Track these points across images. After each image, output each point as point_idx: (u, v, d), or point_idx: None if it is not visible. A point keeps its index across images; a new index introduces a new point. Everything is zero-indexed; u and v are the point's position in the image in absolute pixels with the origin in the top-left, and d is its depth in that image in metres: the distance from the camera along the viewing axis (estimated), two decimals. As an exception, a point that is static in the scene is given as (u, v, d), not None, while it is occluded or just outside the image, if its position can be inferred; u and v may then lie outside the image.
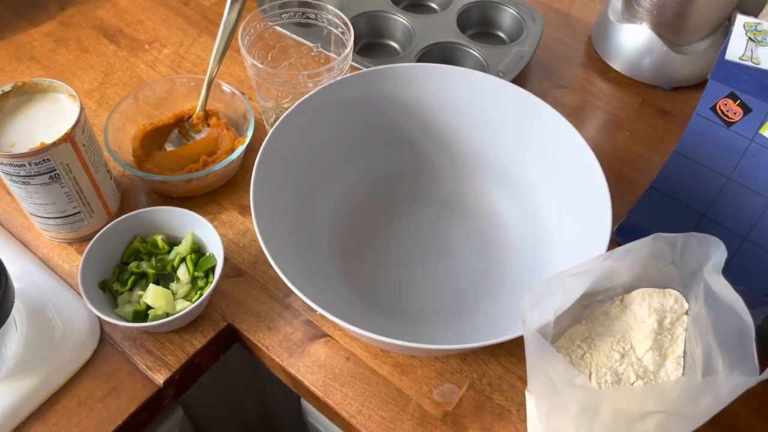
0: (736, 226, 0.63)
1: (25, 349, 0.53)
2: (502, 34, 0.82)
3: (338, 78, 0.59)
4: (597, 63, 0.80)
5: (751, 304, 0.60)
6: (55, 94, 0.56)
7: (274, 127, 0.55)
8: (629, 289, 0.48)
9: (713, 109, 0.64)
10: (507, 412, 0.52)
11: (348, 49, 0.60)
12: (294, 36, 0.70)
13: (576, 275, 0.44)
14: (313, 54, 0.68)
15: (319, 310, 0.45)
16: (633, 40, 0.76)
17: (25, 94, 0.56)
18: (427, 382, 0.54)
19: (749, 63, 0.58)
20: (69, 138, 0.52)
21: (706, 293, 0.43)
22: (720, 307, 0.41)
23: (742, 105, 0.61)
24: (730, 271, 0.61)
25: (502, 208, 0.62)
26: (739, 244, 0.63)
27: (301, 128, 0.58)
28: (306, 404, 0.67)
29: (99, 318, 0.55)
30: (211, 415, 0.71)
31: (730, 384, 0.37)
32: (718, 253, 0.41)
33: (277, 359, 0.55)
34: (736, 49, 0.59)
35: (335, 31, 0.64)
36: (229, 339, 0.58)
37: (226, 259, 0.60)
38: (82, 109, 0.54)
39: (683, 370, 0.46)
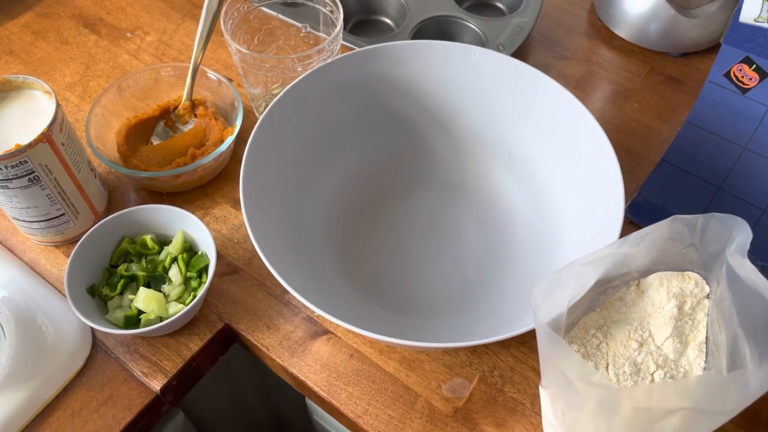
0: (754, 197, 0.60)
1: (15, 360, 0.50)
2: (500, 5, 0.78)
3: (329, 60, 0.55)
4: (601, 31, 0.76)
5: (772, 280, 0.57)
6: (30, 91, 0.53)
7: (262, 115, 0.52)
8: (645, 273, 0.46)
9: (727, 75, 0.60)
10: (520, 405, 0.50)
11: (338, 28, 0.57)
12: (281, 16, 0.66)
13: (589, 263, 0.41)
14: (302, 35, 0.65)
15: (319, 312, 0.43)
16: (638, 5, 0.72)
17: (-1, 92, 0.53)
18: (436, 377, 0.51)
19: (765, 25, 0.55)
20: (46, 137, 0.49)
21: (729, 276, 0.40)
22: (745, 291, 0.38)
23: (758, 70, 0.58)
24: (750, 246, 0.59)
25: (506, 190, 0.59)
26: (758, 216, 0.60)
27: (292, 115, 0.55)
28: (311, 403, 0.65)
29: (90, 324, 0.53)
30: (216, 417, 0.69)
31: (760, 377, 0.34)
32: (741, 234, 0.38)
33: (277, 359, 0.52)
34: (750, 10, 0.55)
35: (324, 9, 0.61)
36: (228, 340, 0.55)
37: (220, 256, 0.57)
38: (58, 105, 0.51)
39: (706, 357, 0.43)
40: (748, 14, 0.55)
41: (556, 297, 0.40)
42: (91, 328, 0.53)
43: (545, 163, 0.56)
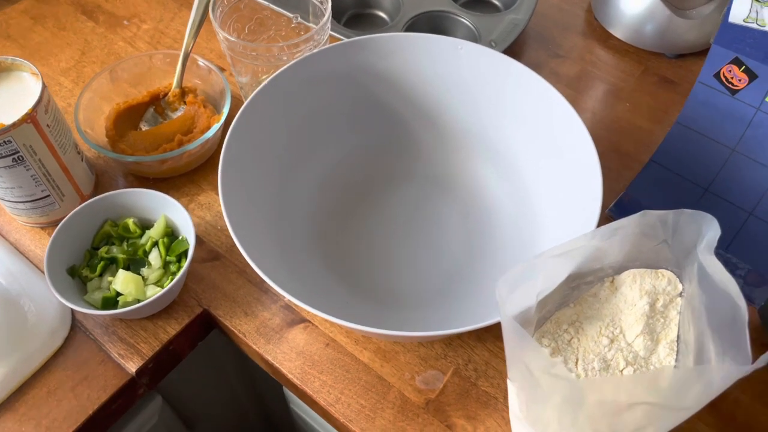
0: (741, 200, 0.60)
1: (-5, 337, 0.51)
2: (496, 2, 0.78)
3: (315, 50, 0.56)
4: (597, 30, 0.76)
5: (755, 283, 0.57)
6: (18, 72, 0.54)
7: (245, 104, 0.52)
8: (620, 269, 0.45)
9: (717, 76, 0.60)
10: (493, 399, 0.50)
11: (325, 17, 0.57)
12: (272, 6, 0.66)
13: (559, 255, 0.41)
14: (293, 26, 0.65)
15: (290, 298, 0.43)
16: (634, 6, 0.72)
17: (-13, 73, 0.53)
18: (410, 368, 0.51)
19: (754, 25, 0.54)
20: (30, 118, 0.50)
21: (699, 274, 0.40)
22: (713, 289, 0.38)
23: (747, 71, 0.58)
24: (734, 248, 0.58)
25: (490, 185, 0.59)
26: (744, 219, 0.59)
27: (277, 104, 0.55)
28: (288, 392, 0.65)
29: (70, 305, 0.53)
30: (197, 402, 0.69)
31: (722, 373, 0.34)
32: (711, 231, 0.38)
33: (254, 346, 0.52)
34: (740, 10, 0.54)
35: (313, 0, 0.61)
36: (206, 325, 0.56)
37: (203, 242, 0.58)
38: (44, 87, 0.51)
39: (677, 355, 0.43)
40: (738, 14, 0.55)
41: (524, 289, 0.40)
42: (72, 309, 0.53)
43: (528, 158, 0.56)
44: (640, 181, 0.62)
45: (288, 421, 0.74)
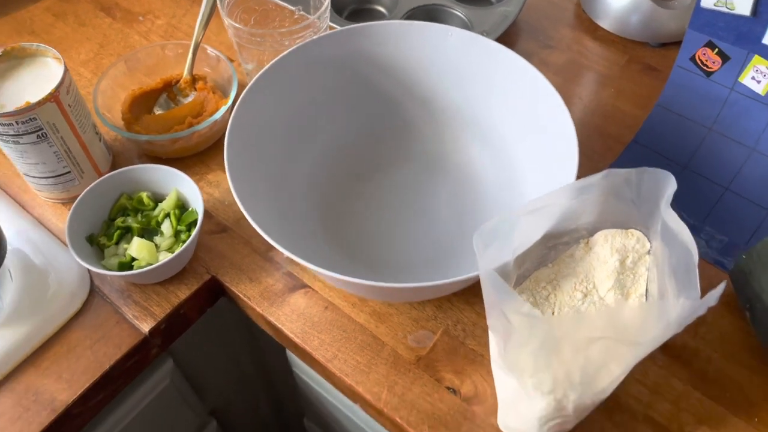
0: (718, 176, 0.63)
1: (20, 300, 0.55)
2: (491, -4, 0.82)
3: (315, 36, 0.60)
4: (585, 22, 0.80)
5: (731, 253, 0.60)
6: (42, 58, 0.58)
7: (248, 85, 0.56)
8: (593, 231, 0.49)
9: (693, 59, 0.63)
10: (480, 356, 0.54)
11: (324, 6, 0.61)
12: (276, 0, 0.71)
13: (532, 212, 0.44)
14: (295, 17, 0.70)
15: (297, 259, 0.46)
16: (620, -3, 0.76)
17: (15, 59, 0.58)
18: (403, 328, 0.55)
19: (724, 9, 0.58)
20: (53, 98, 0.55)
21: (663, 230, 0.44)
22: (673, 240, 0.41)
23: (720, 53, 0.61)
24: (711, 221, 0.62)
25: (479, 164, 0.63)
26: (721, 194, 0.63)
27: (277, 88, 0.59)
28: (291, 356, 0.69)
29: (89, 272, 0.57)
30: (205, 367, 0.73)
31: (677, 309, 0.37)
32: (669, 187, 0.42)
33: (258, 309, 0.57)
34: (710, -5, 0.58)
35: (314, -8, 0.66)
36: (215, 291, 0.60)
37: (211, 216, 0.62)
38: (66, 70, 0.56)
39: (645, 308, 0.46)
40: (708, -1, 0.58)
41: (500, 245, 0.44)
42: (90, 276, 0.58)
43: (513, 135, 0.60)
44: (623, 160, 0.66)
45: (291, 393, 0.77)
